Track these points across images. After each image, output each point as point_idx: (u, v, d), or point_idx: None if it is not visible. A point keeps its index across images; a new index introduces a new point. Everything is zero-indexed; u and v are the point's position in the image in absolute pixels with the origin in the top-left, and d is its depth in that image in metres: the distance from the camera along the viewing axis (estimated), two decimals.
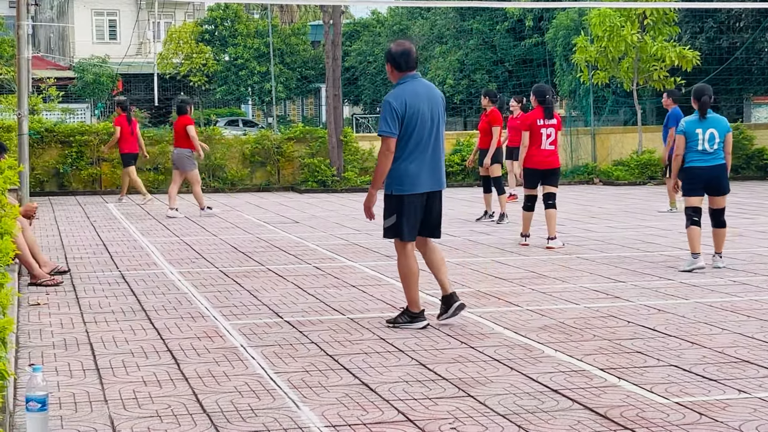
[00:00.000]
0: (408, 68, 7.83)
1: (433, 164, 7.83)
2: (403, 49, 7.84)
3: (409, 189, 7.76)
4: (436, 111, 7.81)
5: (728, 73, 29.57)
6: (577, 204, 19.14)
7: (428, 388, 6.07)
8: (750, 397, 5.76)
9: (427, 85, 7.90)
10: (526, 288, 9.69)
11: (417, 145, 7.73)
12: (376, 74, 46.33)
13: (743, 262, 11.17)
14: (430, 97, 7.81)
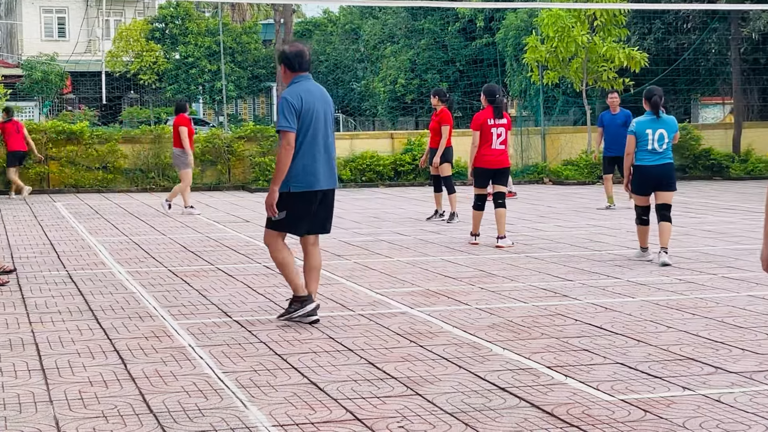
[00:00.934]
0: (301, 69, 7.97)
1: (329, 162, 7.98)
2: (297, 50, 7.99)
3: (305, 186, 7.84)
4: (328, 111, 8.00)
5: (676, 74, 29.91)
6: (526, 203, 19.26)
7: (377, 387, 6.07)
8: (694, 394, 5.83)
9: (319, 87, 8.08)
10: (475, 287, 9.74)
11: (313, 142, 7.86)
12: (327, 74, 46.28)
13: (689, 260, 11.31)
14: (323, 97, 8.00)
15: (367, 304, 8.86)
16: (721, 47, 30.04)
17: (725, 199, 19.73)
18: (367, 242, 13.33)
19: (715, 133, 27.37)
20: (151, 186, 23.57)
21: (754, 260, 11.14)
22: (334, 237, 13.70)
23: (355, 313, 8.46)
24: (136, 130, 25.17)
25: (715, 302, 8.75)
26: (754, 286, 9.50)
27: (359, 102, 46.45)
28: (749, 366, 6.47)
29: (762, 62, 29.80)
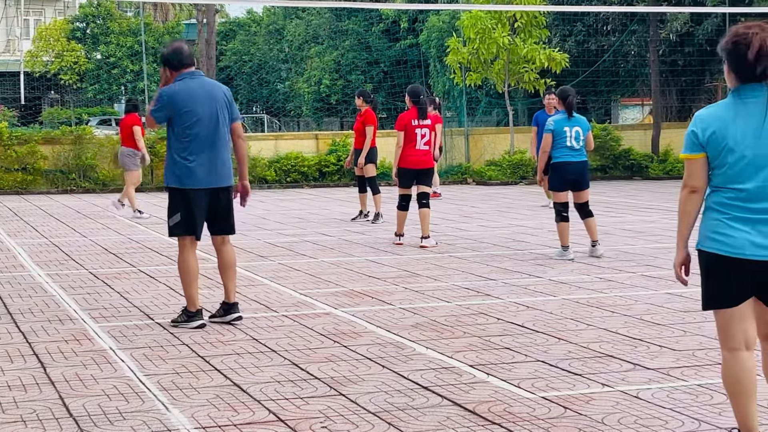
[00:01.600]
0: (182, 66, 7.89)
1: (216, 160, 7.81)
2: (173, 49, 7.94)
3: (192, 184, 7.77)
4: (214, 107, 7.81)
5: (597, 75, 30.36)
6: (450, 203, 19.38)
7: (300, 388, 6.07)
8: (613, 391, 5.93)
9: (205, 83, 7.92)
10: (399, 287, 9.78)
11: (194, 141, 7.74)
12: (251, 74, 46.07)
13: (609, 259, 11.49)
14: (208, 93, 7.83)
15: (291, 305, 8.85)
16: (641, 49, 30.57)
17: (644, 199, 20.08)
18: (292, 243, 13.31)
19: (635, 134, 27.84)
20: (72, 187, 23.24)
21: (672, 258, 11.34)
22: (258, 238, 13.66)
23: (279, 314, 8.44)
24: (57, 131, 24.78)
25: (634, 300, 8.90)
26: (672, 284, 9.68)
27: (284, 103, 46.31)
28: (667, 362, 6.60)
29: (680, 64, 30.39)
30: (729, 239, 4.48)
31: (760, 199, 4.46)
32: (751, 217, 4.47)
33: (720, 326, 4.62)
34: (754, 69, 4.44)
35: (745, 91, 4.49)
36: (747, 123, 4.46)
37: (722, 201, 4.52)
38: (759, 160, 4.45)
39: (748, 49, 4.41)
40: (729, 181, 4.50)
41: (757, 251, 4.45)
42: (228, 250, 8.02)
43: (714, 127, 4.49)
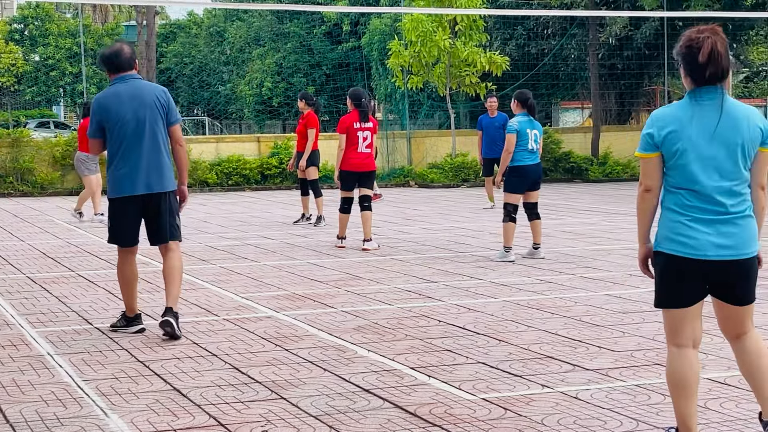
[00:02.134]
0: (118, 70, 7.63)
1: (147, 166, 7.51)
2: (111, 51, 7.68)
3: (119, 192, 7.56)
4: (143, 112, 7.51)
5: (537, 79, 30.61)
6: (392, 206, 19.42)
7: (241, 392, 6.04)
8: (552, 392, 5.98)
9: (136, 86, 7.59)
10: (341, 290, 9.77)
11: (121, 147, 7.52)
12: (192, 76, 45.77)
13: (550, 261, 11.58)
14: (136, 97, 7.52)
15: (232, 309, 8.81)
16: (580, 53, 30.87)
17: (584, 201, 20.27)
18: (233, 246, 13.24)
19: (575, 137, 28.11)
20: (9, 191, 22.91)
21: (612, 260, 11.48)
22: (199, 242, 13.57)
23: (220, 318, 8.39)
24: None
25: (574, 301, 8.98)
26: (611, 286, 9.78)
27: (225, 105, 46.07)
28: (605, 363, 6.66)
29: (619, 67, 30.73)
30: (689, 240, 4.55)
31: (717, 200, 4.54)
32: (710, 218, 4.55)
33: (670, 324, 4.68)
34: (707, 73, 4.52)
35: (700, 93, 4.57)
36: (702, 124, 4.54)
37: (681, 202, 4.58)
38: (713, 161, 4.53)
39: (703, 53, 4.49)
40: (685, 181, 4.57)
41: (718, 251, 4.54)
42: (171, 256, 7.69)
43: (670, 127, 4.56)
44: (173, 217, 7.69)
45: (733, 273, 4.60)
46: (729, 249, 4.55)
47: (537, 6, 29.51)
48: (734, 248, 4.56)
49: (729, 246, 4.55)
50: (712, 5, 26.95)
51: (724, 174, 4.55)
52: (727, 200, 4.56)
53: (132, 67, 7.70)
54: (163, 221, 7.65)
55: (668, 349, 4.70)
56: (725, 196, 4.56)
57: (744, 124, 4.57)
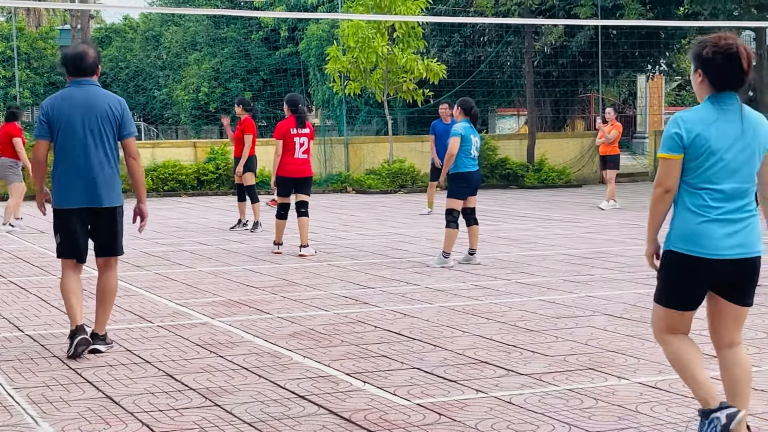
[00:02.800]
0: (77, 73, 7.28)
1: (92, 178, 7.16)
2: (75, 54, 7.30)
3: (62, 203, 7.21)
4: (91, 120, 7.16)
5: (474, 86, 30.80)
6: (329, 212, 19.40)
7: (174, 399, 6.00)
8: (487, 397, 6.02)
9: (89, 93, 7.24)
10: (277, 296, 9.74)
11: (65, 155, 7.19)
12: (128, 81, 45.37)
13: (485, 267, 11.65)
14: (89, 104, 7.17)
15: (166, 315, 8.74)
16: (516, 60, 31.12)
17: (520, 207, 20.43)
18: (168, 252, 13.14)
19: (511, 144, 28.34)
20: None
21: (546, 266, 11.59)
22: (133, 248, 13.44)
23: (154, 324, 8.32)
24: None
25: (509, 307, 9.05)
26: (546, 291, 9.87)
27: (161, 110, 45.70)
28: (539, 368, 6.72)
29: (554, 75, 31.04)
30: (707, 240, 4.69)
31: (733, 200, 4.71)
32: (726, 218, 4.69)
33: (668, 321, 4.84)
34: (739, 78, 4.68)
35: (723, 98, 4.74)
36: (727, 127, 4.69)
37: (699, 203, 4.71)
38: (735, 163, 4.69)
39: (730, 59, 4.65)
40: (706, 182, 4.70)
41: (733, 250, 4.69)
42: (108, 275, 7.36)
43: (698, 129, 4.69)
44: (117, 232, 7.33)
45: (743, 270, 4.75)
46: (742, 247, 4.72)
47: (473, 13, 29.71)
48: (746, 246, 4.74)
49: (742, 244, 4.72)
50: (645, 14, 27.35)
51: (743, 176, 4.73)
52: (742, 201, 4.74)
53: (93, 72, 7.33)
54: (107, 236, 7.30)
55: (663, 339, 4.86)
56: (741, 197, 4.74)
57: (760, 130, 4.78)
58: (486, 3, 28.27)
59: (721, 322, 4.87)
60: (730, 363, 4.86)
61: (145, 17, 46.86)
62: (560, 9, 28.68)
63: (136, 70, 46.64)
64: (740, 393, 4.83)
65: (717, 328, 4.89)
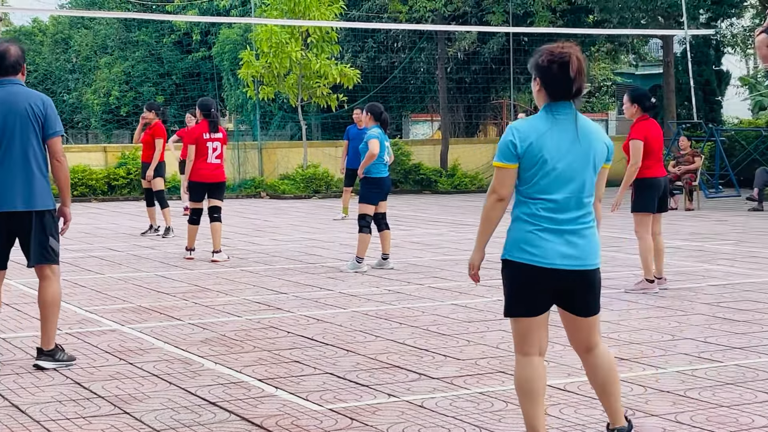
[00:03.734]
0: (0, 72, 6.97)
1: (11, 181, 6.82)
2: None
3: None
4: (12, 120, 6.83)
5: (387, 91, 30.91)
6: (243, 217, 19.29)
7: (82, 407, 5.91)
8: (399, 401, 6.04)
9: (10, 92, 6.89)
10: (189, 302, 9.65)
11: None
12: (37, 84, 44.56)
13: (398, 272, 11.69)
14: (8, 104, 6.84)
15: (75, 323, 8.60)
16: (429, 66, 31.32)
17: (433, 212, 20.55)
18: (78, 258, 12.93)
19: (425, 149, 28.49)
20: None
21: (459, 270, 11.67)
22: None
23: (63, 332, 8.17)
24: None
25: (421, 311, 9.10)
26: (458, 295, 9.95)
27: (71, 114, 44.97)
28: (450, 372, 6.77)
29: (467, 81, 31.31)
30: (539, 249, 4.66)
31: (567, 210, 4.68)
32: (560, 228, 4.67)
33: (518, 333, 4.78)
34: (570, 87, 4.66)
35: (557, 107, 4.71)
36: (560, 137, 4.67)
37: (532, 212, 4.69)
38: (569, 173, 4.67)
39: (564, 68, 4.63)
40: (539, 192, 4.68)
41: (566, 261, 4.66)
42: (45, 285, 6.96)
43: (532, 138, 4.66)
44: (46, 238, 6.90)
45: (579, 282, 4.73)
46: (576, 259, 4.69)
47: (387, 19, 29.82)
48: (581, 258, 4.70)
49: (576, 256, 4.69)
50: (556, 22, 27.75)
51: (577, 186, 4.70)
52: (577, 212, 4.71)
53: (17, 71, 6.99)
54: (33, 243, 6.88)
55: (516, 358, 4.80)
56: (576, 208, 4.71)
57: (595, 140, 4.76)
58: (400, 8, 28.41)
59: (572, 331, 4.89)
60: (592, 366, 4.89)
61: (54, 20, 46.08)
62: (473, 16, 28.94)
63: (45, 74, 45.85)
64: (609, 392, 4.88)
65: (571, 336, 4.92)
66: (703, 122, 25.52)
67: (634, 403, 5.91)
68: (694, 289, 10.27)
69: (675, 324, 8.40)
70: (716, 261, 12.44)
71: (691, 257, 12.80)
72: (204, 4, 35.22)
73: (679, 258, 12.68)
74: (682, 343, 7.65)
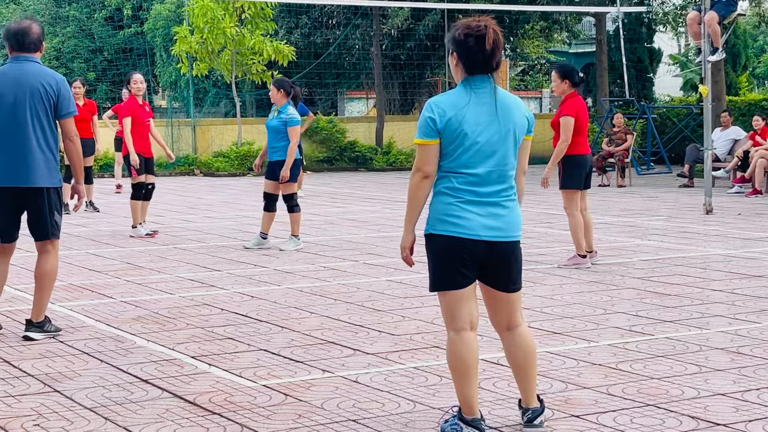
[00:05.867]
0: (20, 49, 7.05)
1: (21, 157, 6.93)
2: (18, 29, 7.06)
3: None
4: (22, 97, 6.94)
5: (323, 68, 30.78)
6: (176, 195, 19.11)
7: (12, 386, 5.81)
8: (333, 376, 6.03)
9: (25, 70, 6.99)
10: (121, 279, 9.54)
11: None
12: None
13: (333, 248, 11.67)
14: (21, 81, 6.95)
15: (4, 301, 8.43)
16: (364, 43, 31.24)
17: (368, 190, 20.54)
18: None
19: (360, 126, 28.45)
20: None
21: (394, 246, 11.67)
22: None
23: None
24: None
25: (357, 287, 9.09)
26: (393, 272, 9.95)
27: None
28: (385, 347, 6.77)
29: (402, 58, 31.28)
30: (463, 221, 4.65)
31: (490, 183, 4.68)
32: (482, 200, 4.67)
33: (447, 308, 4.77)
34: (487, 59, 4.63)
35: (475, 81, 4.69)
36: (480, 111, 4.65)
37: (454, 185, 4.67)
38: (489, 146, 4.65)
39: (481, 42, 4.60)
40: (460, 166, 4.66)
41: (489, 232, 4.66)
42: (45, 258, 7.13)
43: (450, 113, 4.64)
44: (52, 213, 7.07)
45: (501, 255, 4.74)
46: (499, 230, 4.70)
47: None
48: (503, 230, 4.72)
49: (499, 227, 4.70)
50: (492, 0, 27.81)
51: (498, 159, 4.69)
52: (499, 184, 4.71)
53: (36, 49, 7.08)
54: (40, 218, 7.06)
55: (448, 335, 4.80)
56: (497, 181, 4.71)
57: (515, 112, 4.74)
58: None
59: (493, 307, 4.88)
60: (510, 345, 4.89)
61: None
62: None
63: None
64: (525, 374, 4.88)
65: (492, 313, 4.91)
66: (635, 100, 25.79)
67: (566, 376, 5.97)
68: (626, 263, 10.40)
69: (607, 298, 8.49)
70: (647, 236, 12.60)
71: (623, 233, 12.95)
72: None
73: (611, 233, 12.82)
74: (614, 316, 7.74)
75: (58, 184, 7.09)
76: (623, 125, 21.92)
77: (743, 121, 23.44)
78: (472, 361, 4.74)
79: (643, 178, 22.44)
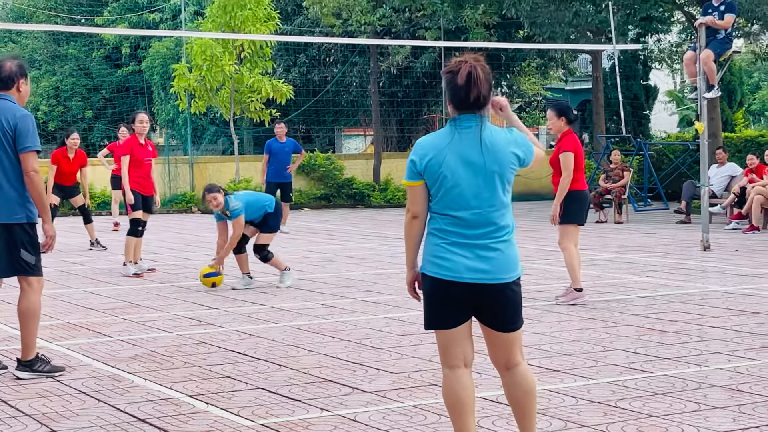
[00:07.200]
0: None
1: None
2: None
3: None
4: None
5: (320, 106, 30.89)
6: (174, 232, 19.11)
7: (9, 426, 5.78)
8: (331, 415, 6.00)
9: None
10: (118, 318, 9.52)
11: None
12: None
13: (331, 285, 11.66)
14: None
15: (1, 340, 8.43)
16: (362, 81, 31.37)
17: (366, 226, 20.55)
18: None
19: (358, 163, 28.51)
20: None
21: (392, 284, 11.66)
22: None
23: None
24: None
25: (354, 325, 9.07)
26: (391, 309, 9.93)
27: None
28: (383, 385, 6.75)
29: (399, 95, 31.43)
30: (447, 263, 4.63)
31: (476, 226, 4.64)
32: (469, 242, 4.64)
33: (441, 346, 4.75)
34: (466, 97, 4.61)
35: (461, 120, 4.67)
36: (462, 152, 4.61)
37: (441, 227, 4.66)
38: (471, 189, 4.61)
39: (467, 79, 4.59)
40: (445, 208, 4.65)
41: (473, 275, 4.62)
42: (22, 296, 7.08)
43: (430, 154, 4.62)
44: (17, 250, 6.95)
45: (490, 297, 4.67)
46: (484, 273, 4.63)
47: (319, 34, 29.82)
48: (489, 272, 4.64)
49: (484, 270, 4.63)
50: (489, 38, 27.96)
51: (482, 200, 4.63)
52: (486, 227, 4.66)
53: (9, 87, 7.05)
54: (2, 255, 6.96)
55: (442, 371, 4.79)
56: (482, 222, 4.65)
57: (503, 151, 4.67)
58: (333, 22, 28.40)
59: (491, 346, 4.83)
60: (510, 384, 4.83)
61: None
62: (405, 31, 29.06)
63: None
64: (524, 413, 4.83)
65: (490, 351, 4.86)
66: (631, 136, 25.87)
67: (566, 414, 5.94)
68: (624, 300, 10.39)
69: (605, 335, 8.48)
70: (645, 273, 12.60)
71: (621, 269, 12.95)
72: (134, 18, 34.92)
73: (609, 270, 12.81)
74: (613, 354, 7.72)
75: (24, 221, 6.96)
76: (620, 162, 21.98)
77: (740, 158, 23.50)
78: (467, 398, 4.72)
79: (641, 214, 22.46)
